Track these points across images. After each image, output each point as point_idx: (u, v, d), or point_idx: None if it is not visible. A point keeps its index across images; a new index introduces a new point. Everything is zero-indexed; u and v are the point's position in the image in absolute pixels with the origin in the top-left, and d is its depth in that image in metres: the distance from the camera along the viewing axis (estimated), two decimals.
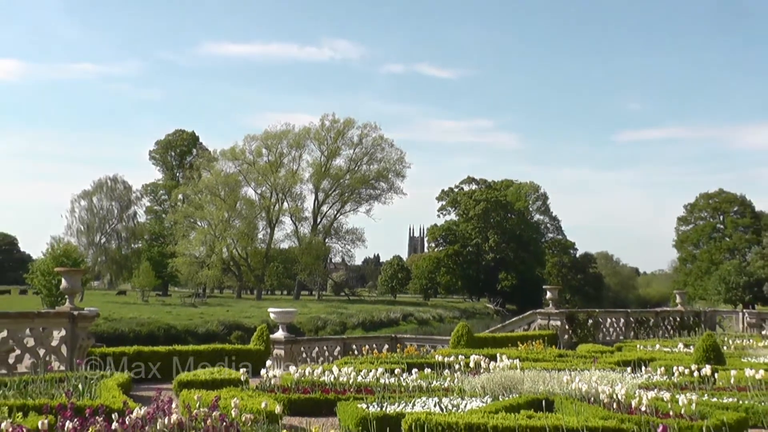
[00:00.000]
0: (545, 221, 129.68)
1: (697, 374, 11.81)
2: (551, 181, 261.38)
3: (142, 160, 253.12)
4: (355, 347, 21.31)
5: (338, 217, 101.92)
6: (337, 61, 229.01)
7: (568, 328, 24.68)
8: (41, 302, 53.87)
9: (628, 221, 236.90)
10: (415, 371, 12.40)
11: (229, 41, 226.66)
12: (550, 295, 25.50)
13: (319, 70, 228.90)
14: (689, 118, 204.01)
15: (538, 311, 25.66)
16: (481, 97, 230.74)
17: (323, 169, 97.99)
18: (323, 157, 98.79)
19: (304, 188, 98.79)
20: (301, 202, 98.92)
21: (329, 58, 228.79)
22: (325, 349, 21.16)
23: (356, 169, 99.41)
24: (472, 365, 13.37)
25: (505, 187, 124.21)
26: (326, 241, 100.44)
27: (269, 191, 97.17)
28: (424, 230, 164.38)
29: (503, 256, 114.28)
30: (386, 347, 20.30)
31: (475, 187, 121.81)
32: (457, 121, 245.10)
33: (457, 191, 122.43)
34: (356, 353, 20.35)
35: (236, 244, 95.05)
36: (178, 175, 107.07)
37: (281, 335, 19.62)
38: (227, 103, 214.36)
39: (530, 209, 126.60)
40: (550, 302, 25.33)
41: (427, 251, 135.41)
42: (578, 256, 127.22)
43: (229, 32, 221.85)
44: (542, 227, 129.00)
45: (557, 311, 24.89)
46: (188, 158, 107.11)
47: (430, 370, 12.74)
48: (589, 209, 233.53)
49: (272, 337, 18.89)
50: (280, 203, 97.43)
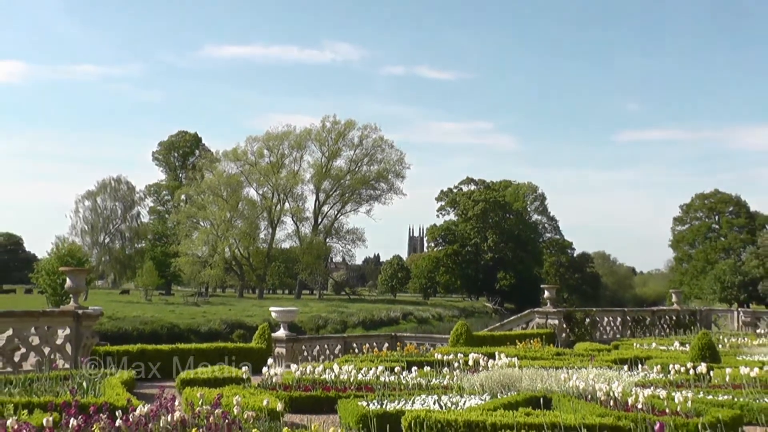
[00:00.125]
0: (543, 221, 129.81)
1: (692, 372, 11.86)
2: (549, 181, 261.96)
3: (142, 160, 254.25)
4: (355, 346, 21.37)
5: (339, 217, 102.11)
6: (338, 63, 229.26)
7: (565, 326, 24.79)
8: (46, 301, 53.91)
9: (626, 221, 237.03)
10: (414, 369, 12.46)
11: (230, 43, 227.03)
12: (547, 294, 25.60)
13: (320, 72, 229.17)
14: (688, 119, 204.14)
15: (536, 310, 25.75)
16: (480, 98, 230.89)
17: (324, 169, 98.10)
18: (324, 158, 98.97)
19: (305, 189, 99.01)
20: (302, 202, 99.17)
21: (330, 60, 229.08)
22: (326, 347, 21.23)
23: (357, 169, 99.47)
24: (471, 363, 13.49)
25: (503, 187, 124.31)
26: (327, 240, 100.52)
27: (271, 192, 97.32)
28: (423, 230, 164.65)
29: (502, 255, 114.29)
30: (386, 346, 20.44)
31: (473, 187, 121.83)
32: (456, 122, 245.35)
33: (456, 192, 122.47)
34: (357, 352, 20.40)
35: (238, 243, 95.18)
36: (180, 175, 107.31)
37: (283, 334, 19.74)
38: (229, 104, 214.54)
39: (528, 209, 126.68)
40: (547, 301, 25.43)
41: (426, 251, 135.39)
42: (576, 255, 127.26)
43: (230, 34, 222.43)
44: (540, 227, 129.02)
45: (555, 310, 24.99)
46: (191, 159, 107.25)
47: (429, 368, 12.76)
48: (587, 209, 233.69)
49: (274, 335, 18.98)
50: (281, 203, 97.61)
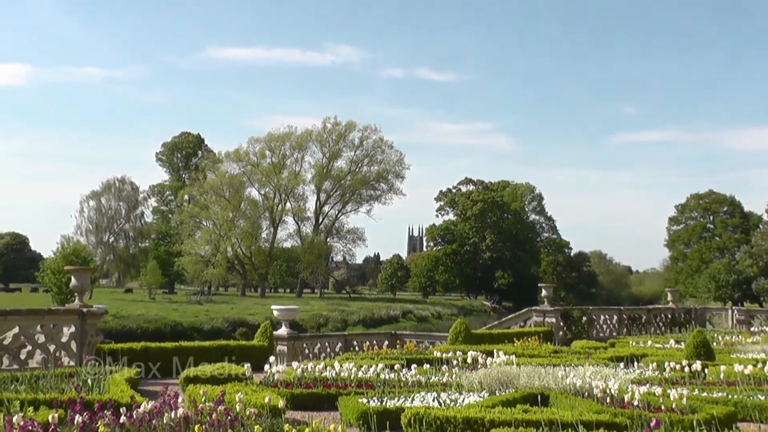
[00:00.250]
0: (540, 221, 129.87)
1: (687, 369, 11.87)
2: (548, 182, 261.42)
3: (145, 161, 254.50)
4: (356, 343, 21.38)
5: (339, 217, 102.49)
6: (338, 65, 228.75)
7: (562, 324, 24.85)
8: (51, 300, 53.91)
9: (624, 221, 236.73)
10: (414, 367, 12.54)
11: (232, 45, 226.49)
12: (545, 292, 25.61)
13: (320, 74, 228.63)
14: (685, 120, 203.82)
15: (533, 308, 25.77)
16: (479, 100, 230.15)
17: (325, 170, 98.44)
18: (325, 158, 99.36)
19: (306, 189, 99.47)
20: (303, 202, 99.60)
21: (331, 62, 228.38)
22: (326, 345, 21.25)
23: (357, 170, 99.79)
24: (469, 361, 13.56)
25: (501, 188, 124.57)
26: (328, 240, 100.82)
27: (272, 192, 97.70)
28: (423, 230, 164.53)
29: (500, 255, 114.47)
30: (386, 343, 20.57)
31: (472, 188, 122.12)
32: (455, 123, 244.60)
33: (455, 192, 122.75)
34: (357, 349, 20.36)
35: (240, 243, 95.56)
36: (183, 176, 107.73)
37: (284, 332, 19.83)
38: (231, 106, 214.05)
39: (526, 209, 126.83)
40: (545, 300, 25.46)
41: (426, 250, 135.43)
42: (573, 255, 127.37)
43: (232, 36, 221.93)
44: (538, 227, 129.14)
45: (552, 308, 25.02)
46: (194, 160, 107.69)
47: (428, 365, 12.80)
48: (586, 209, 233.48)
49: (275, 333, 19.07)
50: (283, 203, 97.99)
